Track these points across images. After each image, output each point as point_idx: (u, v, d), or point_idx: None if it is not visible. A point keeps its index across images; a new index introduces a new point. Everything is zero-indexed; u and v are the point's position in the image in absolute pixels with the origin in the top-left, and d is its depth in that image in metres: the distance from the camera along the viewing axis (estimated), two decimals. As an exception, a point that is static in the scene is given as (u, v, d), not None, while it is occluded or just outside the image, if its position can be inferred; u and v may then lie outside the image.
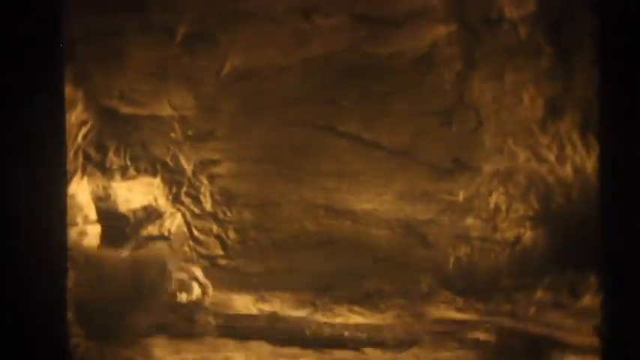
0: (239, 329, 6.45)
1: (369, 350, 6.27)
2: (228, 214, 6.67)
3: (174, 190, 6.64)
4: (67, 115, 5.75)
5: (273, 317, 6.34)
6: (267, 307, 6.39)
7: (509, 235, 6.42)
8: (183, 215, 6.64)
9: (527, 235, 6.38)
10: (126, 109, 6.50)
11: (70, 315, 4.08)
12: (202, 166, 6.64)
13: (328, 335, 6.43)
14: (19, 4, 3.69)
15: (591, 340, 4.82)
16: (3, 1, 3.67)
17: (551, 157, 6.26)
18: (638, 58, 3.79)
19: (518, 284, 6.20)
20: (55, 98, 3.82)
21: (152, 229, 6.61)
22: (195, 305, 6.33)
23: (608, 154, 3.88)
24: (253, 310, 6.44)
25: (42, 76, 3.75)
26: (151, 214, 6.63)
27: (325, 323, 6.40)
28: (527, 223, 6.38)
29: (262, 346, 6.29)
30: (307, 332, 6.42)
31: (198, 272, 6.05)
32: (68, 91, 5.79)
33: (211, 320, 6.33)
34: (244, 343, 6.36)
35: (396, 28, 6.35)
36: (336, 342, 6.41)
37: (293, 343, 6.37)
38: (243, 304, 6.44)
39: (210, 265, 6.61)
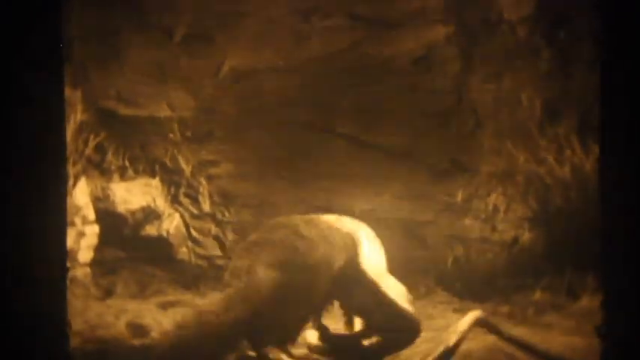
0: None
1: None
2: (227, 214, 6.67)
3: (172, 190, 6.64)
4: (66, 117, 5.76)
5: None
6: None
7: (508, 235, 6.43)
8: (182, 216, 6.65)
9: (526, 235, 6.39)
10: (124, 110, 6.50)
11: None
12: (201, 166, 6.64)
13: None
14: (19, 4, 3.68)
15: (590, 341, 4.82)
16: (3, 1, 3.67)
17: (550, 158, 6.27)
18: (638, 59, 3.79)
19: (516, 285, 6.20)
20: (55, 99, 3.81)
21: (150, 230, 6.62)
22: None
23: (608, 155, 3.88)
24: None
25: (42, 77, 3.74)
26: (150, 214, 6.64)
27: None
28: (526, 224, 6.39)
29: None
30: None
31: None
32: (67, 92, 5.79)
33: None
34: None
35: (395, 29, 6.36)
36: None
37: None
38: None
39: (209, 266, 6.62)
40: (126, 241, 6.54)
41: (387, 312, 5.00)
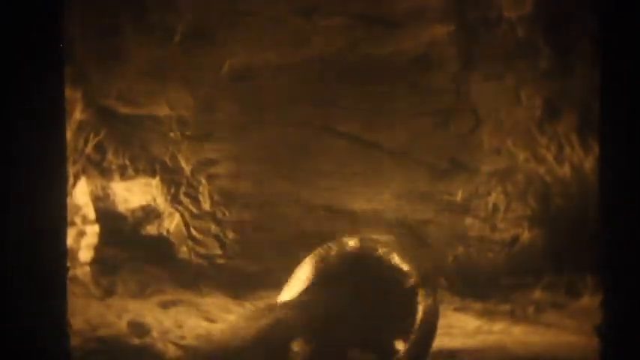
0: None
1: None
2: (227, 214, 6.67)
3: (172, 190, 6.64)
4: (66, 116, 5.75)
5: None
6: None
7: (508, 234, 6.43)
8: (182, 215, 6.65)
9: (526, 234, 6.39)
10: (124, 110, 6.49)
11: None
12: (201, 166, 6.64)
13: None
14: (19, 4, 3.69)
15: (590, 340, 4.83)
16: (3, 1, 3.67)
17: (550, 157, 6.28)
18: (637, 58, 3.80)
19: (517, 284, 6.20)
20: (55, 98, 3.81)
21: (151, 229, 6.62)
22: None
23: (608, 154, 3.89)
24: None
25: (42, 77, 3.74)
26: (150, 214, 6.64)
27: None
28: (526, 223, 6.39)
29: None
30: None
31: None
32: (67, 91, 5.78)
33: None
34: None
35: (395, 28, 6.35)
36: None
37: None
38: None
39: (209, 265, 6.62)
40: (126, 240, 6.54)
41: None
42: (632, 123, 3.81)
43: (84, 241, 6.22)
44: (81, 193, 6.25)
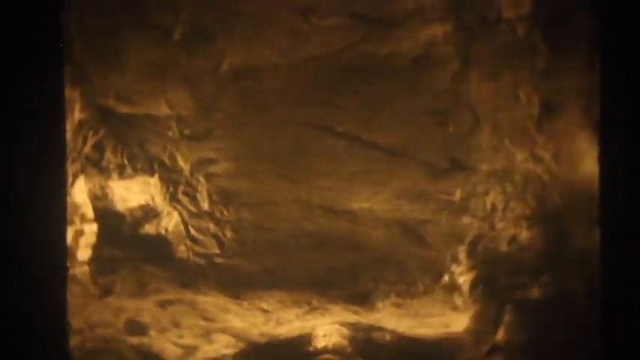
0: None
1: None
2: (225, 213, 6.67)
3: (171, 189, 6.64)
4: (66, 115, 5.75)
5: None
6: (264, 306, 6.40)
7: (506, 234, 6.44)
8: (180, 214, 6.65)
9: (524, 234, 6.40)
10: (123, 109, 6.49)
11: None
12: (199, 165, 6.64)
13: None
14: (19, 4, 3.70)
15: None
16: (3, 2, 3.68)
17: (548, 156, 6.28)
18: (637, 58, 3.81)
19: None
20: (55, 98, 3.83)
21: (149, 228, 6.62)
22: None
23: (608, 154, 3.90)
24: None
25: (42, 76, 3.75)
26: (148, 213, 6.64)
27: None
28: (524, 223, 6.40)
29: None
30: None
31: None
32: (66, 91, 5.78)
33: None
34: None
35: (394, 28, 6.36)
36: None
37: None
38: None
39: (207, 264, 6.62)
40: (124, 239, 6.54)
41: None
42: (632, 123, 3.82)
43: (82, 240, 6.22)
44: (80, 192, 6.25)
